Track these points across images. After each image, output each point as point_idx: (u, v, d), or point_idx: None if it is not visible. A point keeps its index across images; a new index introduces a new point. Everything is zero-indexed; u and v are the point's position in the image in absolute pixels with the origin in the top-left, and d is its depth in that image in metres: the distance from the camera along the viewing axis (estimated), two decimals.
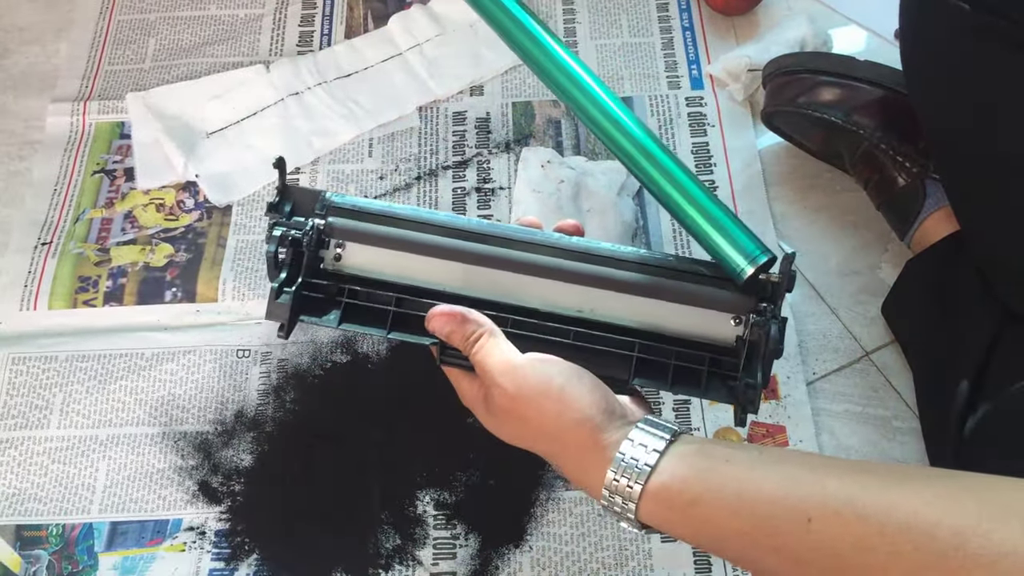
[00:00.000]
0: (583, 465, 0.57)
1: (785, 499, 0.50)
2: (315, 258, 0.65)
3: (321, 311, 0.65)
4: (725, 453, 0.54)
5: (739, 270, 0.63)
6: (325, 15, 1.19)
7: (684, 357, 0.64)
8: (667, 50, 1.14)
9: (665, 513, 0.54)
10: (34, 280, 0.99)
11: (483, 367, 0.60)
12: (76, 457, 0.89)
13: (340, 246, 0.66)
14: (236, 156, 1.07)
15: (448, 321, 0.61)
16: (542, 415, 0.57)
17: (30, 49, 1.17)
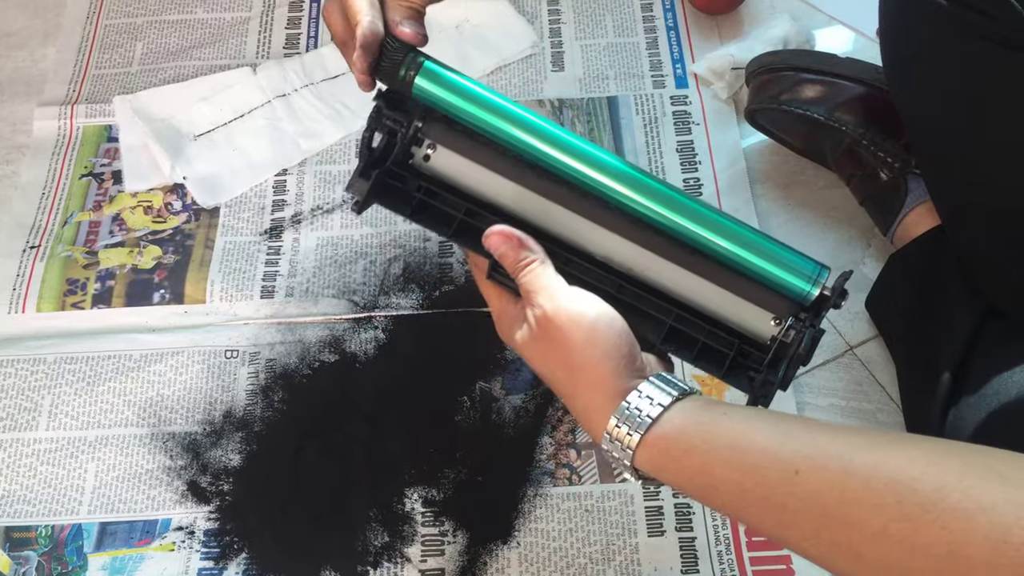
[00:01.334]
0: (591, 404, 0.58)
1: (776, 451, 0.51)
2: (405, 153, 0.67)
3: (396, 200, 0.67)
4: (725, 409, 0.56)
5: (805, 293, 0.63)
6: (312, 17, 1.20)
7: (714, 337, 0.65)
8: (652, 49, 1.15)
9: (660, 460, 0.55)
10: (22, 283, 0.99)
11: (528, 287, 0.61)
12: (65, 458, 0.89)
13: (432, 147, 0.67)
14: (223, 158, 1.07)
15: (505, 241, 0.62)
16: (568, 342, 0.59)
17: (17, 54, 1.17)
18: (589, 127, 1.09)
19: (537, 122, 0.66)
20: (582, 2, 1.20)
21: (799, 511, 0.49)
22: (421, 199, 0.66)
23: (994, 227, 0.79)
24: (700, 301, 0.65)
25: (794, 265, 0.64)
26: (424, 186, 0.66)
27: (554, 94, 1.12)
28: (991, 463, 0.46)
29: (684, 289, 0.65)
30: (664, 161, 1.06)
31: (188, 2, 1.21)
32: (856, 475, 0.48)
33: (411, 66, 0.65)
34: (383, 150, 0.67)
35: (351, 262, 1.00)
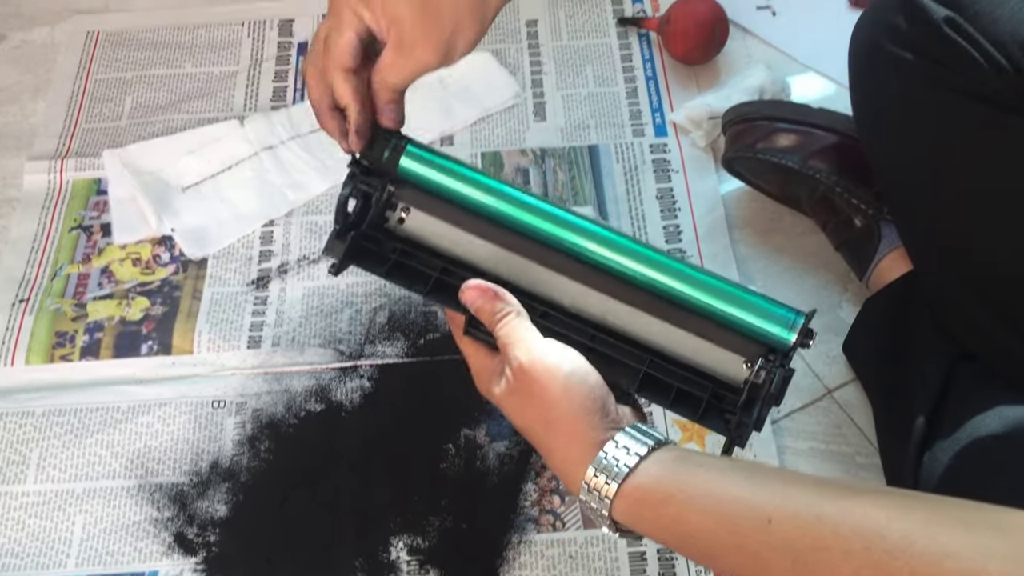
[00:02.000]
0: (568, 456, 0.60)
1: (749, 500, 0.53)
2: (380, 216, 0.70)
3: (372, 262, 0.69)
4: (700, 460, 0.58)
5: (785, 340, 0.65)
6: (298, 70, 1.22)
7: (689, 383, 0.66)
8: (631, 99, 1.18)
9: (637, 510, 0.57)
10: (11, 337, 1.00)
11: (505, 340, 0.63)
12: (53, 511, 0.90)
13: (406, 211, 0.70)
14: (211, 210, 1.09)
15: (480, 295, 0.65)
16: (544, 395, 0.60)
17: (8, 109, 1.19)
18: (571, 175, 1.11)
19: (514, 192, 0.69)
20: (563, 53, 1.22)
21: (772, 559, 0.51)
22: (396, 260, 0.69)
23: (962, 273, 0.81)
24: (673, 348, 0.67)
25: (774, 314, 0.65)
26: (399, 247, 0.69)
27: (536, 143, 1.14)
28: (955, 512, 0.48)
29: (657, 337, 0.67)
30: (644, 208, 1.08)
31: (177, 57, 1.24)
32: (826, 522, 0.50)
33: (394, 148, 0.69)
34: (358, 213, 0.69)
35: (337, 311, 1.02)
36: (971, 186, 0.78)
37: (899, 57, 0.79)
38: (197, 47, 1.25)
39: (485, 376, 0.66)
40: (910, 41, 0.78)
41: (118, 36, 1.26)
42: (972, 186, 0.78)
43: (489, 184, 0.69)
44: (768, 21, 1.23)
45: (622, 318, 0.68)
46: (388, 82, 0.66)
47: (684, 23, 1.16)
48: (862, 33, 0.86)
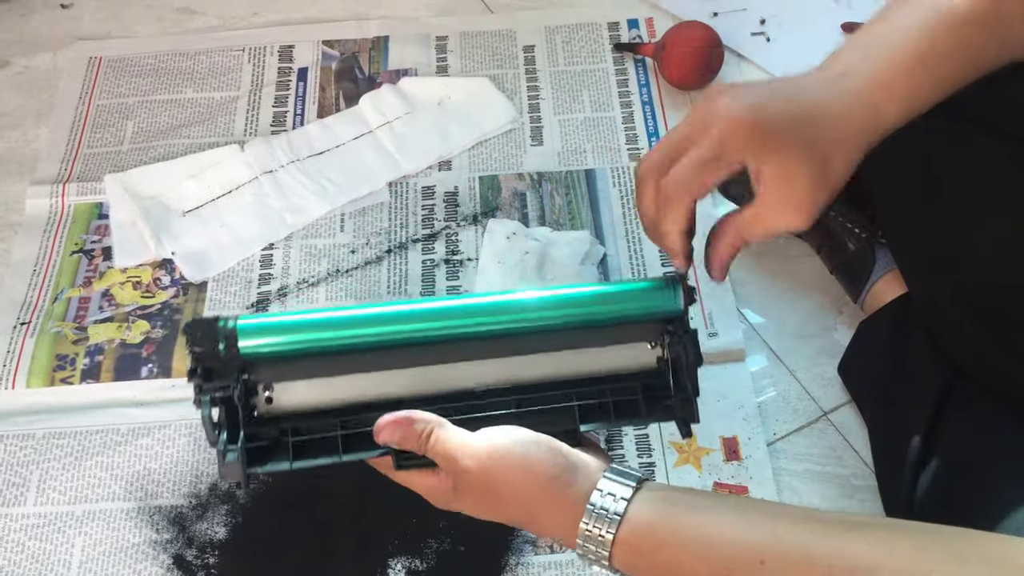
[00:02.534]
0: (557, 522, 0.59)
1: (741, 543, 0.54)
2: (248, 408, 0.65)
3: (269, 456, 0.65)
4: (688, 500, 0.58)
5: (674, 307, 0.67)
6: (298, 96, 1.23)
7: (619, 391, 0.67)
8: (627, 123, 1.19)
9: (634, 558, 0.57)
10: (12, 359, 1.01)
11: (444, 455, 0.61)
12: (52, 534, 0.90)
13: (268, 388, 0.66)
14: (211, 233, 1.10)
15: (397, 428, 0.62)
16: (511, 485, 0.60)
17: (11, 134, 1.21)
18: (568, 199, 1.12)
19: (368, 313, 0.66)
20: (560, 79, 1.24)
21: None
22: (294, 442, 0.65)
23: (956, 294, 0.81)
24: (585, 369, 0.68)
25: (651, 291, 0.67)
26: (287, 427, 0.65)
27: (533, 167, 1.15)
28: (947, 546, 0.49)
29: (565, 368, 0.68)
30: (641, 232, 1.09)
31: (178, 82, 1.25)
32: (819, 564, 0.51)
33: (227, 336, 0.64)
34: (229, 420, 0.64)
35: None
36: (966, 209, 0.79)
37: None
38: (198, 73, 1.26)
39: (440, 495, 0.65)
40: None
41: (120, 62, 1.27)
42: (967, 209, 0.79)
43: (338, 319, 0.66)
44: (762, 47, 1.24)
45: (529, 370, 0.67)
46: (747, 235, 0.64)
47: (679, 49, 1.17)
48: None
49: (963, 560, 0.47)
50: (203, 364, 0.64)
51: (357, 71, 1.26)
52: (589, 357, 0.67)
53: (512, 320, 0.67)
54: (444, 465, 0.62)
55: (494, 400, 0.66)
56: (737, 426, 0.94)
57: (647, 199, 0.65)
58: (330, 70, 1.26)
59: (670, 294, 0.67)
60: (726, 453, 0.93)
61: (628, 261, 1.06)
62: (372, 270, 1.07)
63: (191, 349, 0.64)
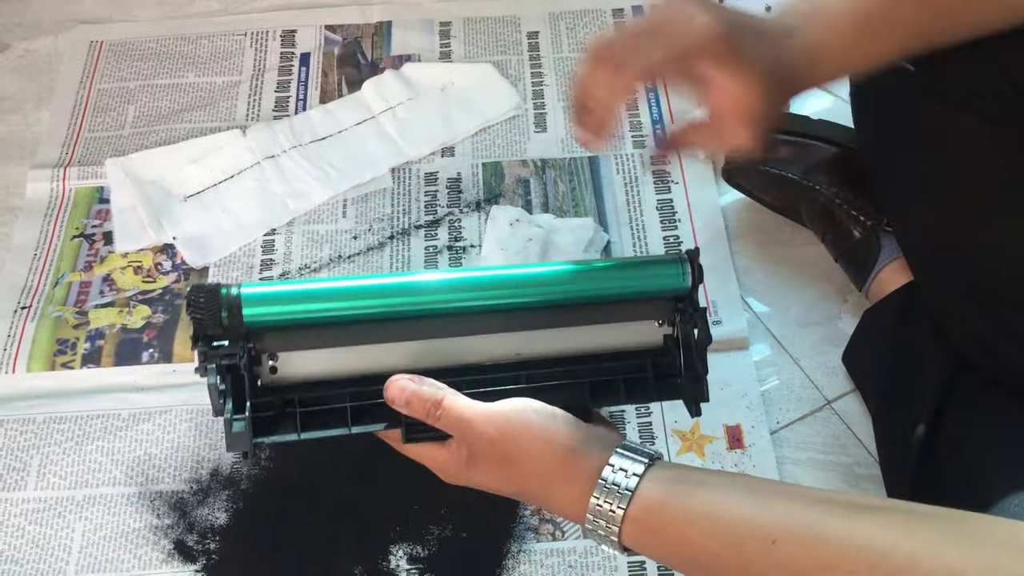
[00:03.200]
0: (569, 495, 0.59)
1: (753, 521, 0.53)
2: (253, 377, 0.64)
3: (276, 426, 0.64)
4: (699, 477, 0.58)
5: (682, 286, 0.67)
6: (300, 81, 1.23)
7: (630, 369, 0.67)
8: (631, 111, 1.18)
9: (644, 535, 0.56)
10: (13, 344, 1.00)
11: (459, 422, 0.61)
12: (53, 518, 0.90)
13: (273, 358, 0.65)
14: (213, 219, 1.09)
15: (405, 386, 0.62)
16: (529, 454, 0.60)
17: (11, 118, 1.20)
18: (571, 186, 1.11)
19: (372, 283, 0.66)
20: (564, 65, 1.23)
21: None
22: (302, 412, 0.64)
23: (962, 284, 0.81)
24: (594, 346, 0.67)
25: (660, 270, 0.67)
26: (294, 397, 0.64)
27: (537, 154, 1.15)
28: (962, 529, 0.49)
29: (574, 344, 0.67)
30: (644, 219, 1.08)
31: (180, 67, 1.24)
32: (830, 543, 0.50)
33: (231, 305, 0.62)
34: (234, 389, 0.63)
35: None
36: (973, 197, 0.79)
37: (901, 68, 0.80)
38: (200, 57, 1.25)
39: (451, 468, 0.64)
40: None
41: (121, 46, 1.27)
42: (974, 197, 0.79)
43: (345, 288, 0.65)
44: None
45: (537, 345, 0.67)
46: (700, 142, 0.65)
47: None
48: None
49: (975, 543, 0.47)
50: (206, 332, 0.63)
51: (360, 56, 1.25)
52: (597, 334, 0.67)
53: (521, 294, 0.67)
54: (458, 432, 0.61)
55: (503, 375, 0.66)
56: (740, 414, 0.94)
57: (587, 70, 0.62)
58: (332, 55, 1.25)
59: (679, 271, 0.67)
60: (729, 441, 0.92)
61: (632, 249, 1.06)
62: (374, 256, 1.07)
63: (193, 315, 0.63)
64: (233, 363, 0.63)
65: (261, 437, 0.63)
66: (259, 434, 0.63)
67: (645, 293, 0.67)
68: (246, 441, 0.61)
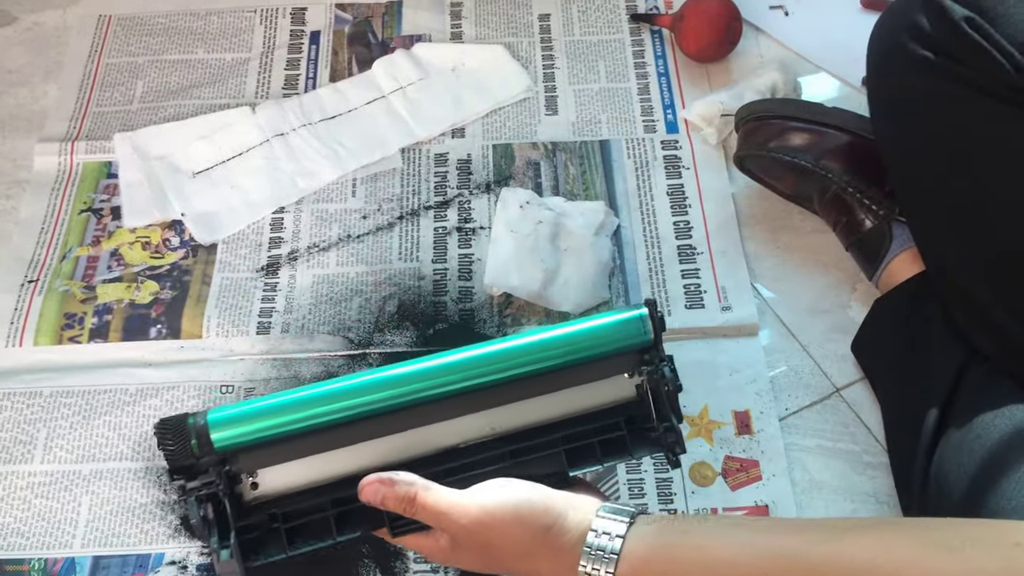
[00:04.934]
0: (558, 569, 0.60)
1: (740, 561, 0.54)
2: (235, 498, 0.65)
3: (263, 546, 0.65)
4: (682, 527, 0.59)
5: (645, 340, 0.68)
6: (310, 59, 1.22)
7: (604, 430, 0.67)
8: (643, 95, 1.18)
9: None
10: (20, 317, 1.00)
11: (433, 514, 0.62)
12: (59, 492, 0.90)
13: (252, 475, 0.66)
14: (221, 195, 1.09)
15: (378, 488, 0.62)
16: (508, 538, 0.61)
17: (19, 91, 1.19)
18: (582, 169, 1.11)
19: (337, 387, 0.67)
20: (575, 48, 1.23)
21: None
22: (287, 528, 0.65)
23: (976, 273, 0.81)
24: (567, 409, 0.68)
25: (621, 326, 0.68)
26: (279, 512, 0.65)
27: (547, 137, 1.14)
28: (942, 534, 0.50)
29: (546, 411, 0.68)
30: (655, 204, 1.08)
31: (189, 42, 1.24)
32: (816, 570, 0.51)
33: (198, 432, 0.64)
34: (218, 516, 0.64)
35: (346, 299, 1.02)
36: (988, 184, 0.79)
37: (920, 56, 0.80)
38: (209, 33, 1.25)
39: (439, 554, 0.65)
40: (932, 40, 0.79)
41: (130, 20, 1.26)
42: (989, 184, 0.79)
43: (307, 397, 0.66)
44: (780, 20, 1.23)
45: (511, 420, 0.68)
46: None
47: (697, 20, 1.16)
48: (882, 32, 0.87)
49: (954, 546, 0.48)
50: (180, 463, 0.64)
51: (370, 35, 1.24)
52: (569, 397, 0.68)
53: (485, 373, 0.67)
54: (435, 523, 0.63)
55: (482, 456, 0.66)
56: (749, 400, 0.94)
57: None
58: (343, 34, 1.25)
59: (639, 326, 0.68)
60: (738, 427, 0.92)
61: (642, 233, 1.06)
62: (384, 236, 1.06)
63: (164, 449, 0.64)
64: (212, 492, 0.64)
65: (251, 561, 0.64)
66: (248, 558, 0.64)
67: (611, 351, 0.68)
68: (236, 568, 0.62)
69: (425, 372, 0.67)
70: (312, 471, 0.66)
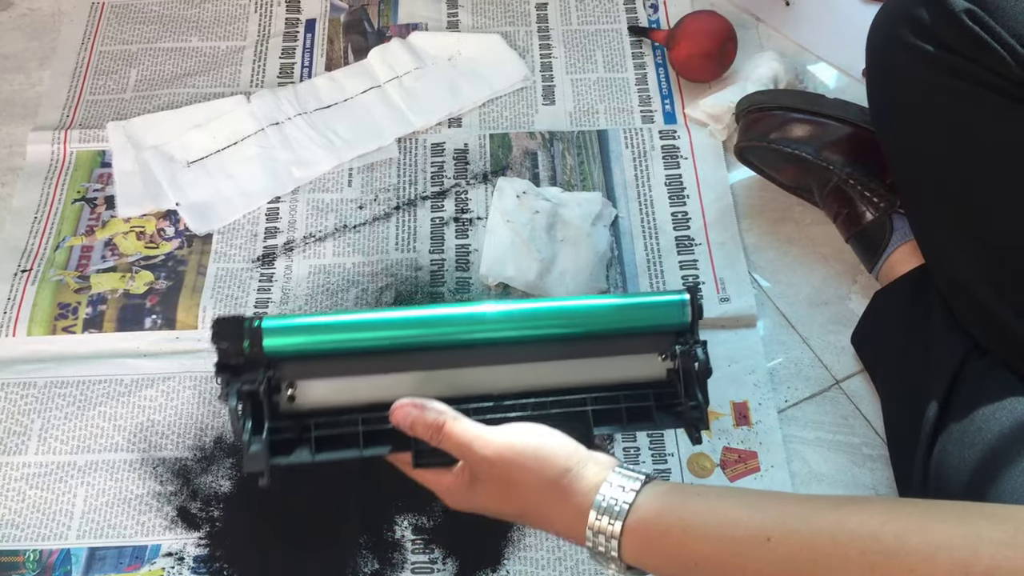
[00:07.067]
0: (568, 514, 0.60)
1: (747, 521, 0.55)
2: (272, 404, 0.67)
3: (292, 449, 0.67)
4: (695, 489, 0.59)
5: (683, 322, 0.70)
6: (306, 48, 1.21)
7: (632, 398, 0.69)
8: (641, 85, 1.17)
9: (643, 545, 0.57)
10: (13, 307, 0.99)
11: (459, 444, 0.63)
12: (54, 483, 0.89)
13: (292, 386, 0.68)
14: (216, 185, 1.08)
15: (409, 411, 0.64)
16: (526, 474, 0.61)
17: (15, 76, 1.18)
18: (579, 159, 1.10)
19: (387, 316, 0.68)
20: (573, 38, 1.22)
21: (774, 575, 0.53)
22: (316, 436, 0.67)
23: (975, 267, 0.81)
24: (599, 378, 0.70)
25: (663, 306, 0.70)
26: (310, 423, 0.67)
27: (544, 127, 1.14)
28: (948, 510, 0.51)
29: (580, 376, 0.70)
30: (653, 194, 1.07)
31: (183, 30, 1.22)
32: (823, 534, 0.51)
33: (252, 335, 0.66)
34: (254, 413, 0.66)
35: (343, 290, 1.01)
36: (988, 178, 0.79)
37: (920, 48, 0.80)
38: (204, 21, 1.23)
39: (454, 491, 0.66)
40: (931, 33, 0.79)
41: (123, 7, 1.25)
42: (989, 178, 0.78)
43: (361, 321, 0.68)
44: (782, 11, 1.22)
45: (543, 377, 0.69)
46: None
47: (689, 51, 1.13)
48: (882, 24, 0.86)
49: (960, 518, 0.49)
50: (229, 360, 0.67)
51: (366, 24, 1.23)
52: (601, 366, 0.70)
53: (529, 327, 0.69)
54: (459, 454, 0.63)
55: (509, 403, 0.68)
56: (747, 391, 0.94)
57: None
58: (338, 22, 1.24)
59: (679, 309, 0.70)
60: (736, 418, 0.92)
61: (640, 224, 1.05)
62: (380, 226, 1.06)
63: (217, 345, 0.66)
64: (253, 389, 0.65)
65: (277, 458, 0.66)
66: (276, 456, 0.66)
67: (648, 328, 0.70)
68: (262, 461, 0.64)
69: (471, 317, 0.69)
70: (348, 391, 0.68)
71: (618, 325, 0.70)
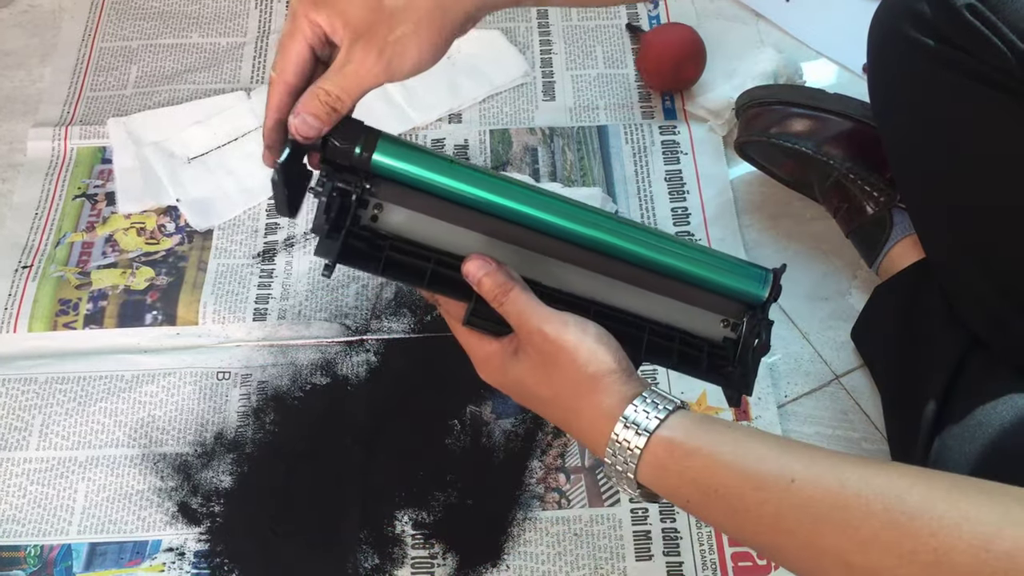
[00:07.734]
0: (597, 413, 0.59)
1: (774, 460, 0.54)
2: (356, 214, 0.66)
3: (364, 261, 0.66)
4: (727, 423, 0.59)
5: (759, 296, 0.68)
6: None
7: (687, 344, 0.69)
8: (640, 81, 1.17)
9: (665, 462, 0.57)
10: (14, 303, 0.99)
11: (519, 312, 0.62)
12: (55, 478, 0.89)
13: (379, 207, 0.67)
14: (217, 181, 1.08)
15: (484, 266, 0.63)
16: (573, 362, 0.60)
17: (16, 73, 1.18)
18: (580, 155, 1.10)
19: (493, 178, 0.67)
20: (573, 33, 1.22)
21: (793, 518, 0.52)
22: (389, 255, 0.66)
23: (977, 260, 0.81)
24: (660, 315, 0.69)
25: (746, 273, 0.69)
26: (390, 243, 0.66)
27: (545, 122, 1.14)
28: (978, 485, 0.49)
29: (645, 307, 0.69)
30: (653, 190, 1.07)
31: (183, 27, 1.22)
32: (849, 485, 0.50)
33: (366, 143, 0.65)
34: (337, 213, 0.65)
35: (343, 286, 1.01)
36: (989, 172, 0.78)
37: (920, 43, 0.79)
38: (204, 17, 1.24)
39: (494, 359, 0.65)
40: (932, 27, 0.78)
41: (124, 4, 1.25)
42: (990, 172, 0.78)
43: (467, 171, 0.67)
44: (781, 7, 1.22)
45: (611, 293, 0.68)
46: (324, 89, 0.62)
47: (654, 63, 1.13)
48: (883, 18, 0.86)
49: (989, 495, 0.48)
50: (337, 159, 0.65)
51: None
52: (665, 305, 0.69)
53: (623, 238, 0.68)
54: (517, 321, 0.62)
55: (575, 302, 0.67)
56: None
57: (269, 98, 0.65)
58: None
59: (759, 281, 0.68)
60: (736, 413, 0.92)
61: (640, 219, 1.05)
62: None
63: (331, 138, 0.64)
64: (347, 189, 0.65)
65: (347, 259, 0.65)
66: (347, 257, 0.65)
67: (721, 287, 0.69)
68: (333, 252, 0.63)
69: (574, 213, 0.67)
70: (430, 231, 0.67)
71: (697, 270, 0.68)
